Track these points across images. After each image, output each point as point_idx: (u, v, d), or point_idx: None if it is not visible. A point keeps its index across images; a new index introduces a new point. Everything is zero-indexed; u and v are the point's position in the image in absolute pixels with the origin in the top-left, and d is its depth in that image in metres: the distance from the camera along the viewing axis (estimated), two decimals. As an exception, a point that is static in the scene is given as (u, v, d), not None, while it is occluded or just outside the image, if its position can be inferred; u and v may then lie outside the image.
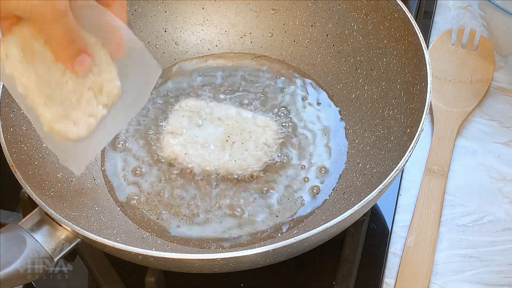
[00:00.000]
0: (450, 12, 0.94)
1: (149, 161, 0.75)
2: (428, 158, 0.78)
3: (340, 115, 0.78)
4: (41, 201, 0.61)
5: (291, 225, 0.70)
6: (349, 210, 0.59)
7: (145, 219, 0.71)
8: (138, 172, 0.75)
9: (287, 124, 0.78)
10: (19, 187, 0.63)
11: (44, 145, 0.71)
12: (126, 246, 0.58)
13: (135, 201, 0.73)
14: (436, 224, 0.73)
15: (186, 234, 0.70)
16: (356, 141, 0.75)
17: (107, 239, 0.59)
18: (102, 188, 0.73)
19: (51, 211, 0.60)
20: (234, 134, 0.75)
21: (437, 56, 0.87)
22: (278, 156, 0.75)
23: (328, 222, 0.58)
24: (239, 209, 0.71)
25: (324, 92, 0.80)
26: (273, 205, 0.71)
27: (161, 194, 0.73)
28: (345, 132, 0.77)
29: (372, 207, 0.69)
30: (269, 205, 0.71)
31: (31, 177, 0.65)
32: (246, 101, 0.80)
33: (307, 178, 0.73)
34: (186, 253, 0.66)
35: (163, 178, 0.74)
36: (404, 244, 0.72)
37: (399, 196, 0.76)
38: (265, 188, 0.73)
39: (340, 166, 0.74)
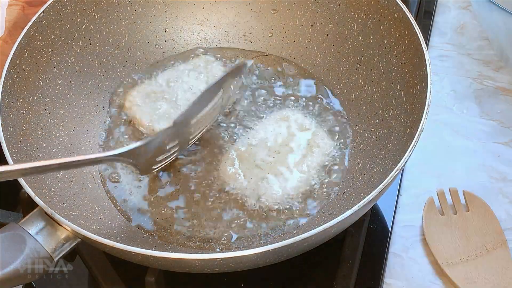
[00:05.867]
0: (450, 12, 0.94)
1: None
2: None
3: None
4: (41, 201, 0.61)
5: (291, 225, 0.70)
6: (349, 210, 0.59)
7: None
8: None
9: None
10: (19, 187, 0.63)
11: (44, 145, 0.71)
12: (126, 246, 0.58)
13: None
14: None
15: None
16: (356, 141, 0.75)
17: (107, 239, 0.59)
18: (102, 188, 0.73)
19: (51, 211, 0.60)
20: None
21: (436, 237, 0.70)
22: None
23: (328, 222, 0.58)
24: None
25: (324, 92, 0.81)
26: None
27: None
28: (345, 132, 0.77)
29: (372, 207, 0.69)
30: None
31: (31, 177, 0.65)
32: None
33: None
34: (186, 253, 0.66)
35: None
36: (404, 244, 0.72)
37: (399, 196, 0.76)
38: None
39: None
